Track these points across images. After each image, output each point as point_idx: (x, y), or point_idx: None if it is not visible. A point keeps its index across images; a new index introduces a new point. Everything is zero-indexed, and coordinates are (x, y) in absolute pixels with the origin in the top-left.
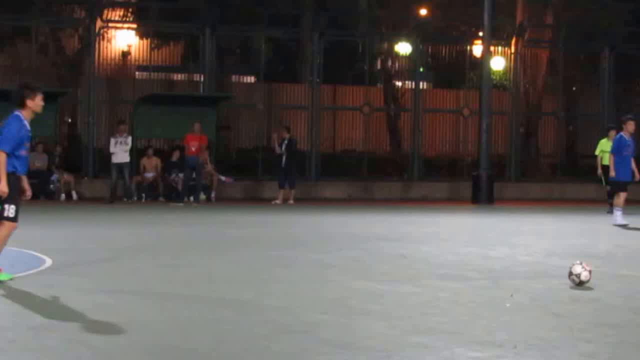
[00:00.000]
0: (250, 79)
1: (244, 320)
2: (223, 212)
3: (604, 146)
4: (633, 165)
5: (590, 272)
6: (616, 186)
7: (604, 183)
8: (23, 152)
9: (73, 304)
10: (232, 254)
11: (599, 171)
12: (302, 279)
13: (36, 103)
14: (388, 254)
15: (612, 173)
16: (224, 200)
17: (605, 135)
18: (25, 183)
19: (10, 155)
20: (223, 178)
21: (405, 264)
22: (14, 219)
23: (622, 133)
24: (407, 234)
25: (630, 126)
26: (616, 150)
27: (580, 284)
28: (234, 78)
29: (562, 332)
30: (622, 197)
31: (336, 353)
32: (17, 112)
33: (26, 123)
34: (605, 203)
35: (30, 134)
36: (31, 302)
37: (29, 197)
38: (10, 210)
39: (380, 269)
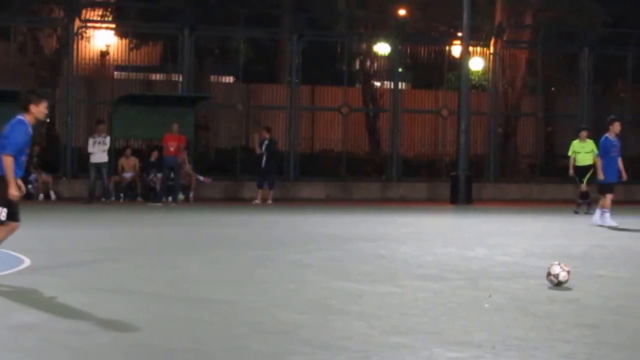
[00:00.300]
0: (229, 79)
1: (223, 320)
2: (201, 213)
3: (576, 147)
4: (620, 165)
5: (568, 272)
6: (604, 188)
7: (583, 183)
8: (22, 157)
9: (51, 303)
10: (211, 254)
11: (571, 171)
12: (281, 279)
13: (40, 110)
14: (367, 254)
15: (601, 176)
16: (202, 200)
17: (577, 136)
18: (19, 182)
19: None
20: (201, 178)
21: (384, 264)
22: (2, 222)
23: (607, 134)
24: (386, 234)
25: (616, 127)
26: (603, 152)
27: (558, 285)
28: (212, 78)
29: (541, 333)
30: (608, 198)
31: (315, 353)
32: (20, 117)
33: (29, 128)
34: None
35: (31, 138)
36: (9, 302)
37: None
38: (2, 213)
39: (359, 269)
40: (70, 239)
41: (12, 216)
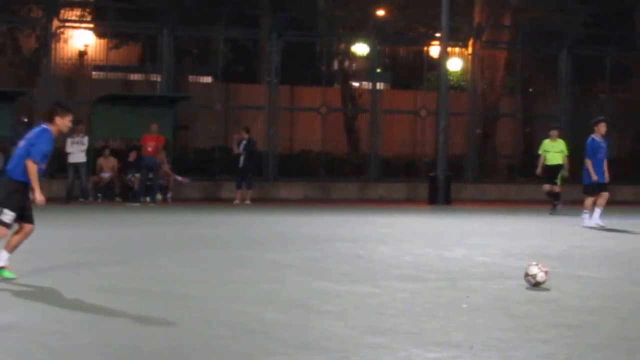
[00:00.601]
0: (208, 80)
1: (203, 320)
2: (180, 213)
3: (547, 146)
4: (604, 167)
5: (546, 273)
6: (594, 189)
7: (557, 184)
8: (43, 165)
9: (30, 304)
10: (190, 255)
11: (539, 170)
12: (260, 280)
13: (64, 122)
14: (346, 255)
15: (594, 177)
16: (180, 200)
17: (547, 135)
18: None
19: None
20: (179, 178)
21: (363, 265)
22: (8, 225)
23: (593, 135)
24: (365, 234)
25: (602, 128)
26: (591, 154)
27: (536, 285)
28: (191, 78)
29: (519, 333)
30: (604, 197)
31: (294, 353)
32: (45, 125)
33: (53, 137)
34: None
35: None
36: None
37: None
38: (8, 216)
39: (338, 269)
40: (48, 239)
41: (28, 219)
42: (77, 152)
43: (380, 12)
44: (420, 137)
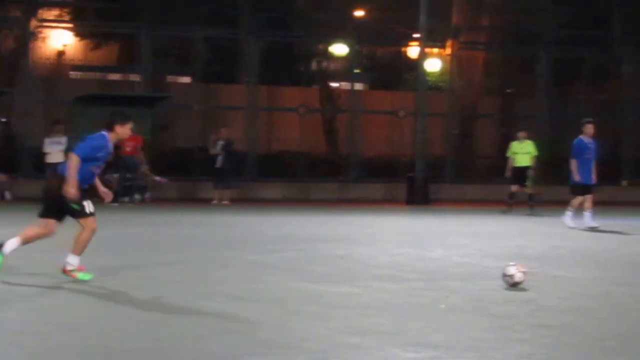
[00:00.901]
0: (187, 80)
1: (182, 320)
2: (159, 213)
3: (515, 148)
4: (592, 167)
5: (524, 273)
6: (580, 190)
7: (529, 184)
8: (94, 168)
9: (7, 304)
10: (169, 255)
11: (508, 173)
12: (239, 280)
13: (124, 131)
14: (325, 255)
15: (577, 177)
16: (159, 201)
17: (515, 137)
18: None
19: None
20: (158, 178)
21: (342, 265)
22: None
23: (581, 136)
24: (344, 235)
25: (589, 129)
26: (577, 154)
27: (514, 285)
28: (170, 78)
29: (498, 333)
30: (588, 199)
31: (274, 353)
32: (104, 132)
33: (109, 145)
34: (527, 205)
35: (108, 157)
36: None
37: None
38: (89, 206)
39: (317, 269)
40: None
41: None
42: (55, 152)
43: (359, 13)
44: (399, 138)
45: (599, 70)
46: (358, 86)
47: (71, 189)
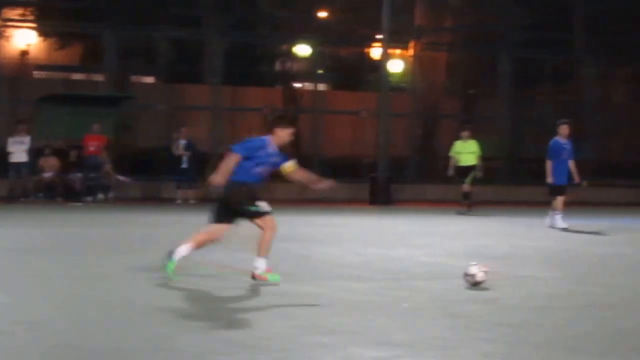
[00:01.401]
0: (151, 80)
1: (146, 320)
2: (122, 212)
3: (459, 147)
4: (572, 167)
5: (486, 272)
6: (555, 190)
7: (466, 183)
8: (258, 170)
9: None
10: (132, 254)
11: (451, 171)
12: (203, 280)
13: (285, 134)
14: (288, 254)
15: (550, 179)
16: (122, 200)
17: (459, 137)
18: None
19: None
20: (121, 178)
21: (306, 265)
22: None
23: (557, 137)
24: (307, 234)
25: (564, 130)
26: (553, 156)
27: (475, 285)
28: (134, 78)
29: (460, 332)
30: (559, 200)
31: (237, 352)
32: (265, 137)
33: (271, 148)
34: (474, 205)
35: (271, 159)
36: None
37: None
38: (265, 206)
39: (280, 269)
40: None
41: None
42: (18, 152)
43: (322, 14)
44: (362, 138)
45: (561, 71)
46: (321, 87)
47: (216, 178)
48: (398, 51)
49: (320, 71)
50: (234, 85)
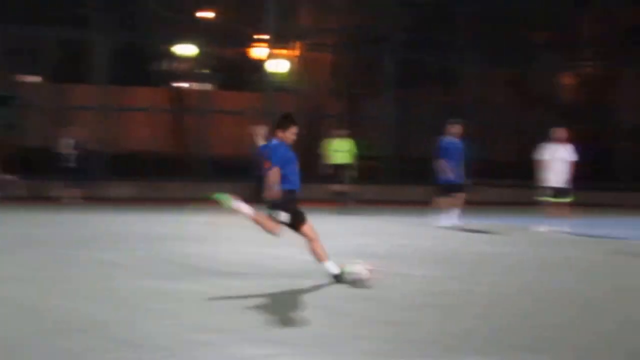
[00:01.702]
0: (37, 79)
1: (29, 318)
2: (8, 211)
3: (336, 146)
4: (461, 167)
5: (369, 271)
6: (450, 188)
7: (342, 182)
8: (291, 172)
9: None
10: (17, 254)
11: (329, 170)
12: (88, 278)
13: (291, 133)
14: (173, 253)
15: (445, 176)
16: (8, 199)
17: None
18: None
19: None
20: (8, 177)
21: (190, 263)
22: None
23: (446, 137)
24: (193, 233)
25: (454, 129)
26: (444, 154)
27: (358, 283)
28: (20, 77)
29: (341, 330)
30: (459, 198)
31: (122, 351)
32: (277, 140)
33: (286, 146)
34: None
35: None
36: None
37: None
38: (282, 215)
39: (166, 268)
40: None
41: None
42: None
43: (208, 14)
44: (247, 137)
45: (444, 72)
46: (206, 86)
47: (272, 193)
48: (283, 51)
49: (205, 71)
50: (120, 85)
